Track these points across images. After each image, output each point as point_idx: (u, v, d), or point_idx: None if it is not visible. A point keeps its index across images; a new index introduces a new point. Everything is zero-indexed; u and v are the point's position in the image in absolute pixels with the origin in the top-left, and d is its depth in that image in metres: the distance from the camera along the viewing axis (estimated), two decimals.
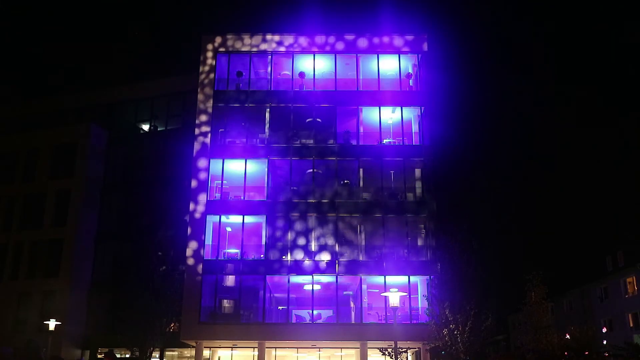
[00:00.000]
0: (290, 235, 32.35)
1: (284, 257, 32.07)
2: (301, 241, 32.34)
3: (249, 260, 32.18)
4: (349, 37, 35.52)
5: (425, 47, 35.37)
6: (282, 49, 35.36)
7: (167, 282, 31.59)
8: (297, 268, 31.72)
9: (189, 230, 32.46)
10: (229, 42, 35.57)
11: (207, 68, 35.18)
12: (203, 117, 34.23)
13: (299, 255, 32.01)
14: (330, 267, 31.68)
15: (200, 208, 32.61)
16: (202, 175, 33.14)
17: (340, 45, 35.35)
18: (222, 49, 35.48)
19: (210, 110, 34.31)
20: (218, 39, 35.62)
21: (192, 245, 32.10)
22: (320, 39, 35.47)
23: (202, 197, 32.77)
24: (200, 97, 34.69)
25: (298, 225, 32.59)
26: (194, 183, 33.12)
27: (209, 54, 35.45)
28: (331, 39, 35.45)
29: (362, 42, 35.42)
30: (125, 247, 38.99)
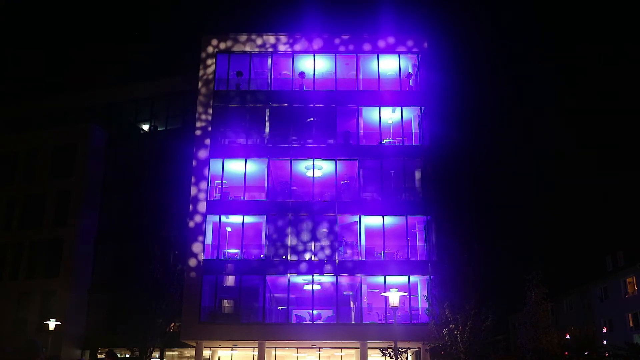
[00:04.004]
0: (290, 235, 32.34)
1: (284, 257, 32.06)
2: (301, 241, 32.33)
3: (249, 260, 32.19)
4: (349, 37, 35.51)
5: (425, 47, 35.39)
6: (282, 49, 35.37)
7: (167, 282, 31.59)
8: (297, 268, 31.72)
9: (189, 230, 32.46)
10: (229, 42, 35.57)
11: (207, 68, 35.18)
12: (203, 117, 34.23)
13: (299, 255, 32.00)
14: (330, 267, 31.67)
15: (201, 208, 32.61)
16: (202, 175, 33.14)
17: (340, 46, 35.35)
18: (222, 49, 35.48)
19: (210, 110, 34.31)
20: (218, 39, 35.62)
21: (192, 245, 32.09)
22: (320, 39, 35.47)
23: (202, 197, 32.77)
24: (200, 97, 34.70)
25: (298, 225, 32.59)
26: (194, 183, 33.12)
27: (209, 54, 35.45)
28: (331, 39, 35.46)
29: (362, 42, 35.42)
30: (125, 247, 39.00)
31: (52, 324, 30.46)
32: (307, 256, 31.95)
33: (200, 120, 34.20)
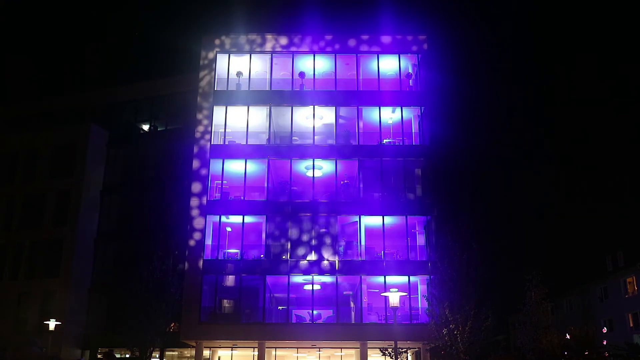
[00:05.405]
0: (290, 235, 32.34)
1: (284, 257, 32.06)
2: (301, 241, 32.33)
3: (249, 260, 32.18)
4: (349, 37, 35.52)
5: (425, 47, 35.39)
6: (282, 49, 35.36)
7: (167, 282, 31.59)
8: (297, 268, 31.71)
9: (189, 230, 32.46)
10: (229, 42, 35.57)
11: (207, 68, 35.18)
12: (203, 117, 34.23)
13: (299, 255, 31.99)
14: (330, 267, 31.67)
15: (201, 208, 32.60)
16: (202, 175, 33.13)
17: (340, 45, 35.34)
18: (222, 49, 35.48)
19: (210, 110, 34.31)
20: (218, 39, 35.63)
21: (192, 245, 32.08)
22: (320, 38, 35.47)
23: (202, 197, 32.76)
24: (200, 97, 34.69)
25: (298, 225, 32.57)
26: (194, 183, 33.12)
27: (209, 54, 35.45)
28: (331, 39, 35.45)
29: (362, 42, 35.42)
30: (125, 247, 39.02)
31: (52, 324, 30.46)
32: (307, 256, 31.95)
33: (200, 120, 34.19)
